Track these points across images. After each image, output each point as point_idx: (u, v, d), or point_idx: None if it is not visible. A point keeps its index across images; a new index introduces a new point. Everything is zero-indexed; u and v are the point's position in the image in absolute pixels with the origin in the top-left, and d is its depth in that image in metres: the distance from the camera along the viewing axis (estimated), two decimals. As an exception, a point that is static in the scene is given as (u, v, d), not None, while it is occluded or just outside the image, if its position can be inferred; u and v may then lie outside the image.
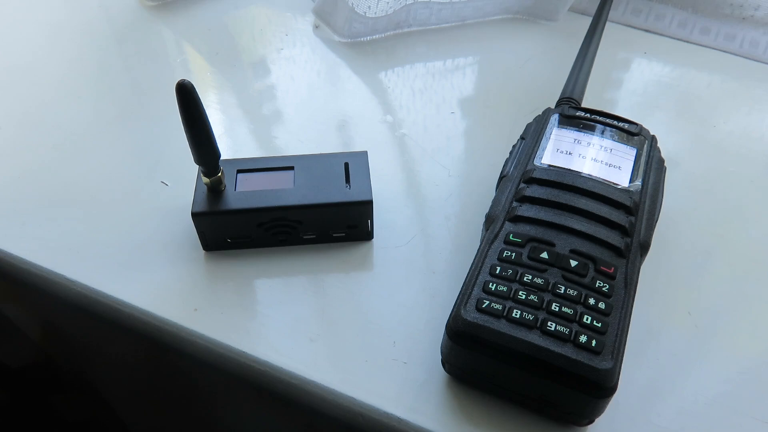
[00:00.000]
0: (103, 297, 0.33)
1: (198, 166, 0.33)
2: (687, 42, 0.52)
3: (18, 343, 0.50)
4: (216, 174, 0.33)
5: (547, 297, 0.28)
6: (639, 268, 0.31)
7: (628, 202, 0.31)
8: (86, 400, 0.56)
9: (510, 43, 0.52)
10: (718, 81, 0.49)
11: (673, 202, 0.37)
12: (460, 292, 0.29)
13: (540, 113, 0.38)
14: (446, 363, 0.30)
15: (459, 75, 0.49)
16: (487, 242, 0.31)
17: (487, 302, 0.28)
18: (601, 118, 0.36)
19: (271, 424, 0.38)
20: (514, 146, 0.37)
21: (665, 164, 0.36)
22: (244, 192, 0.34)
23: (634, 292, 0.29)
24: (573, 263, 0.29)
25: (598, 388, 0.26)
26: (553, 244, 0.30)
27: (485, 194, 0.36)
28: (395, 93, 0.47)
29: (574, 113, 0.37)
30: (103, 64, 0.49)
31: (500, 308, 0.27)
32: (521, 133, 0.37)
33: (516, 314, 0.27)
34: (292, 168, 0.35)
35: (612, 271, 0.29)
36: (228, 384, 0.34)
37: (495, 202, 0.33)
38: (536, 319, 0.27)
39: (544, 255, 0.29)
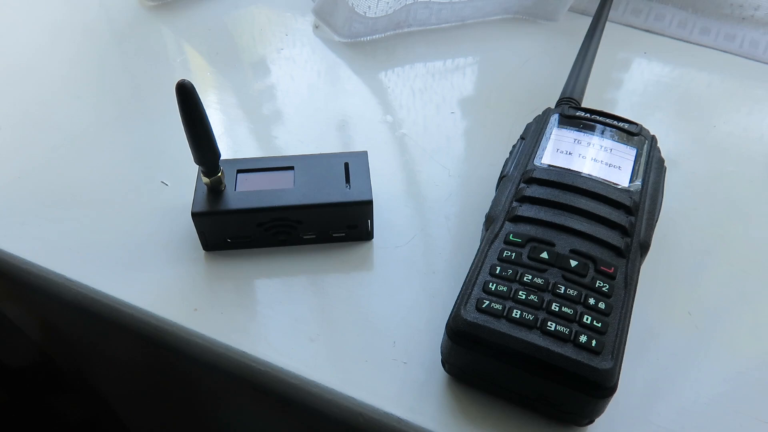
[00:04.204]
0: (103, 297, 0.33)
1: (198, 166, 0.33)
2: (687, 42, 0.52)
3: (18, 343, 0.50)
4: (216, 174, 0.33)
5: (547, 297, 0.28)
6: (639, 268, 0.31)
7: (628, 202, 0.31)
8: (86, 400, 0.56)
9: (510, 43, 0.52)
10: (718, 81, 0.49)
11: (673, 202, 0.37)
12: (460, 292, 0.29)
13: (540, 113, 0.38)
14: (446, 363, 0.30)
15: (459, 75, 0.49)
16: (487, 242, 0.31)
17: (487, 302, 0.28)
18: (601, 118, 0.36)
19: (271, 424, 0.38)
20: (514, 146, 0.37)
21: (665, 164, 0.36)
22: (244, 192, 0.34)
23: (634, 292, 0.29)
24: (573, 263, 0.29)
25: (598, 388, 0.26)
26: (553, 244, 0.30)
27: (485, 194, 0.36)
28: (395, 93, 0.47)
29: (574, 113, 0.37)
30: (103, 64, 0.49)
31: (500, 308, 0.27)
32: (521, 133, 0.37)
33: (516, 314, 0.27)
34: (292, 168, 0.35)
35: (612, 271, 0.29)
36: (228, 384, 0.34)
37: (495, 202, 0.33)
38: (536, 319, 0.27)
39: (544, 255, 0.29)
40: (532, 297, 0.28)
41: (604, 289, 0.28)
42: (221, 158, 0.33)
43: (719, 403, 0.30)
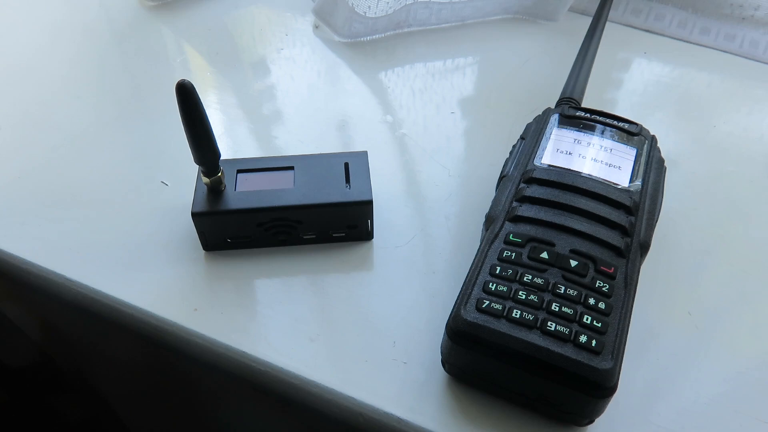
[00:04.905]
0: (103, 297, 0.33)
1: (198, 166, 0.33)
2: (687, 42, 0.52)
3: (18, 343, 0.50)
4: (216, 174, 0.33)
5: (547, 297, 0.28)
6: (639, 268, 0.31)
7: (628, 202, 0.31)
8: (86, 400, 0.56)
9: (510, 43, 0.52)
10: (718, 81, 0.49)
11: (673, 202, 0.37)
12: (460, 292, 0.29)
13: (540, 113, 0.38)
14: (446, 363, 0.30)
15: (459, 75, 0.49)
16: (487, 242, 0.31)
17: (487, 302, 0.28)
18: (601, 118, 0.36)
19: (271, 424, 0.38)
20: (514, 146, 0.37)
21: (665, 164, 0.36)
22: (244, 192, 0.34)
23: (634, 292, 0.29)
24: (573, 263, 0.29)
25: (598, 388, 0.26)
26: (553, 244, 0.30)
27: (485, 194, 0.36)
28: (395, 93, 0.47)
29: (574, 113, 0.37)
30: (103, 64, 0.49)
31: (500, 308, 0.27)
32: (521, 133, 0.37)
33: (516, 314, 0.27)
34: (292, 168, 0.35)
35: (612, 271, 0.29)
36: (228, 384, 0.34)
37: (495, 202, 0.33)
38: (536, 319, 0.27)
39: (544, 255, 0.29)
40: (532, 297, 0.28)
41: (604, 289, 0.28)
42: (221, 158, 0.33)
43: (719, 403, 0.30)
